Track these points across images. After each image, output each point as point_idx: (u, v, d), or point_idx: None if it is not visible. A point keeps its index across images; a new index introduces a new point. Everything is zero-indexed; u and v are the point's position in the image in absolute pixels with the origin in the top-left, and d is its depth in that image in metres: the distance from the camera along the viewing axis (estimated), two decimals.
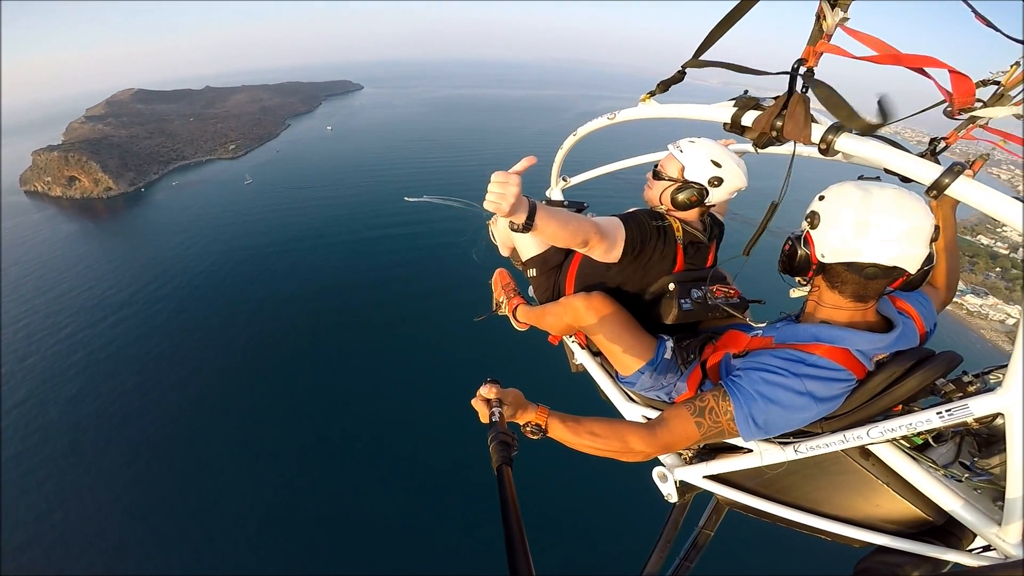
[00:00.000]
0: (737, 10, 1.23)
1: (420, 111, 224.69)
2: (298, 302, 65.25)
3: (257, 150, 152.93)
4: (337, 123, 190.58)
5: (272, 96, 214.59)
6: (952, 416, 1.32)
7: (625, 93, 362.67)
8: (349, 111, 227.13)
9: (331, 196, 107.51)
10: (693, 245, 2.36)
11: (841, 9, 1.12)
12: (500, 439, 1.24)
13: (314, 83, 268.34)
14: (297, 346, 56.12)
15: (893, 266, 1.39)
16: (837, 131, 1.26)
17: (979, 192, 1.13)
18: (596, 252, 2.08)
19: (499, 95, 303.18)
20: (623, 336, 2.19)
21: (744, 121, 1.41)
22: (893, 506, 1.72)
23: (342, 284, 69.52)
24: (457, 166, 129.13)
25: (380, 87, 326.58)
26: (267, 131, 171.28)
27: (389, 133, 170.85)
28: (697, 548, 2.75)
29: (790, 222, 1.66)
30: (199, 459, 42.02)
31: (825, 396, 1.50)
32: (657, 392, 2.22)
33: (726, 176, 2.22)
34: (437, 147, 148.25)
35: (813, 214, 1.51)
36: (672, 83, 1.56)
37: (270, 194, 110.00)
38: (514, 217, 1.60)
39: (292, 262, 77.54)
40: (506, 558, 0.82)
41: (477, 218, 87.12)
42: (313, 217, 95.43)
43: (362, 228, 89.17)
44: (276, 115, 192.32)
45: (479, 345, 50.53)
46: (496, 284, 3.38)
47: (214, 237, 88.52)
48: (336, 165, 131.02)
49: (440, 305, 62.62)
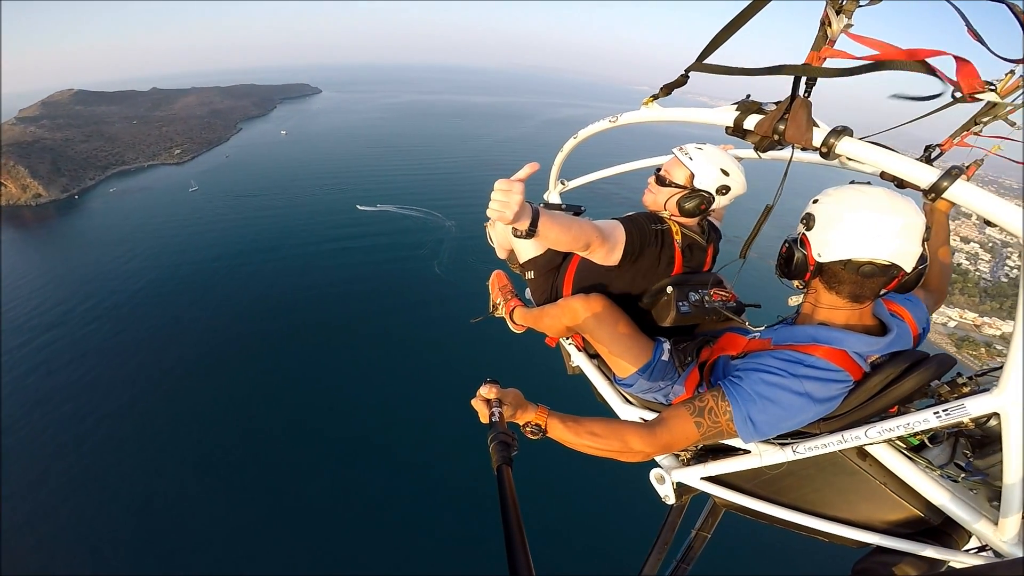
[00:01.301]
0: (743, 15, 1.26)
1: (380, 116, 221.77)
2: (248, 322, 60.78)
3: (205, 155, 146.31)
4: (293, 127, 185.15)
5: (224, 99, 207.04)
6: (949, 416, 1.36)
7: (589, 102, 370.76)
8: (306, 115, 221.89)
9: (284, 205, 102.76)
10: (691, 248, 2.41)
11: (846, 16, 1.15)
12: (500, 439, 1.26)
13: (269, 86, 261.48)
14: (248, 371, 52.36)
15: (889, 263, 1.44)
16: (838, 135, 1.30)
17: (977, 196, 1.16)
18: (597, 255, 2.13)
19: (462, 101, 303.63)
20: (620, 338, 2.22)
21: (746, 125, 1.44)
22: (890, 506, 1.76)
23: (296, 302, 65.29)
24: (418, 174, 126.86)
25: (339, 91, 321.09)
26: (216, 135, 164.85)
27: (348, 139, 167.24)
28: (694, 550, 2.78)
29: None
30: (139, 496, 39.29)
31: (823, 397, 1.53)
32: (654, 394, 2.25)
33: (733, 185, 2.29)
34: (397, 154, 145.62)
35: (808, 216, 1.56)
36: (675, 87, 1.59)
37: (218, 202, 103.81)
38: (517, 224, 1.63)
39: (242, 278, 72.11)
40: (506, 558, 0.83)
41: (439, 229, 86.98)
42: (264, 228, 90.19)
43: (318, 240, 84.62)
44: (227, 118, 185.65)
45: (445, 370, 49.84)
46: (493, 286, 3.39)
47: (156, 250, 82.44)
48: (290, 171, 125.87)
49: (405, 323, 59.92)
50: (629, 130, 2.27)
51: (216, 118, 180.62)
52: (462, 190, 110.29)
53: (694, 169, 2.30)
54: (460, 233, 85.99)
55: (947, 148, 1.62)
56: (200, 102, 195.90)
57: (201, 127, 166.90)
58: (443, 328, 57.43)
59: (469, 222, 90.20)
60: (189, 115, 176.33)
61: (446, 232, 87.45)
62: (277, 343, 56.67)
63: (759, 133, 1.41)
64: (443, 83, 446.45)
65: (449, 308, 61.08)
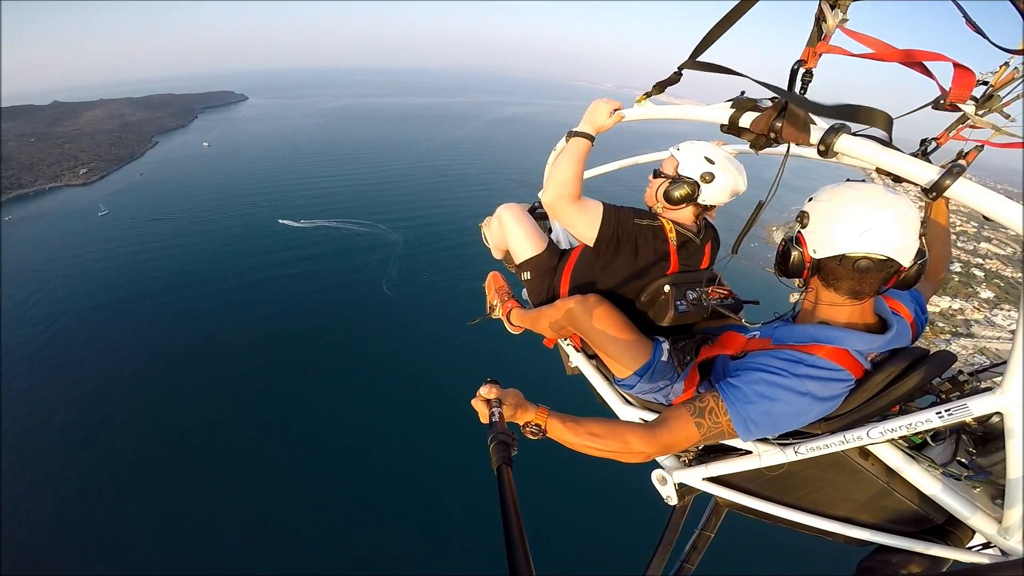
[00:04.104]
0: (736, 11, 1.27)
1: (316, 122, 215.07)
2: (173, 371, 52.32)
3: (115, 173, 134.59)
4: (216, 138, 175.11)
5: (137, 110, 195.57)
6: (952, 416, 1.40)
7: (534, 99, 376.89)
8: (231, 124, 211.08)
9: (208, 228, 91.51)
10: (686, 246, 2.46)
11: (841, 11, 1.17)
12: (500, 439, 1.29)
13: (189, 94, 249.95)
14: (175, 426, 45.42)
15: (885, 258, 1.47)
16: (837, 132, 1.33)
17: (978, 193, 1.19)
18: (579, 221, 2.31)
19: (404, 103, 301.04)
20: (618, 338, 2.24)
21: (742, 123, 1.45)
22: (893, 505, 1.82)
23: (232, 346, 55.50)
24: (358, 183, 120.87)
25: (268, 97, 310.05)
26: (128, 151, 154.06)
27: (279, 148, 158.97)
28: (697, 550, 2.81)
29: None
30: None
31: (824, 396, 1.57)
32: (654, 395, 2.28)
33: (718, 173, 2.33)
34: (335, 162, 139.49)
35: (803, 214, 1.60)
36: (668, 84, 1.60)
37: (132, 228, 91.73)
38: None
39: (168, 318, 61.83)
40: (506, 559, 0.84)
41: (386, 246, 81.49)
42: (187, 256, 79.38)
43: (246, 270, 73.30)
44: (141, 132, 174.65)
45: (411, 415, 46.68)
46: (489, 287, 3.46)
47: (61, 291, 69.15)
48: (216, 187, 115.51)
49: (356, 364, 52.72)
50: (624, 127, 2.32)
51: (128, 132, 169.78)
52: (408, 199, 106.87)
53: (679, 158, 2.41)
54: (408, 248, 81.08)
55: (943, 142, 1.69)
56: (109, 115, 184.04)
57: (111, 142, 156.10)
58: (410, 360, 53.23)
59: (419, 234, 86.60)
60: (96, 130, 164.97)
61: (393, 247, 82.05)
62: (221, 401, 48.23)
63: (755, 131, 1.44)
64: (382, 85, 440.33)
65: (410, 335, 57.22)
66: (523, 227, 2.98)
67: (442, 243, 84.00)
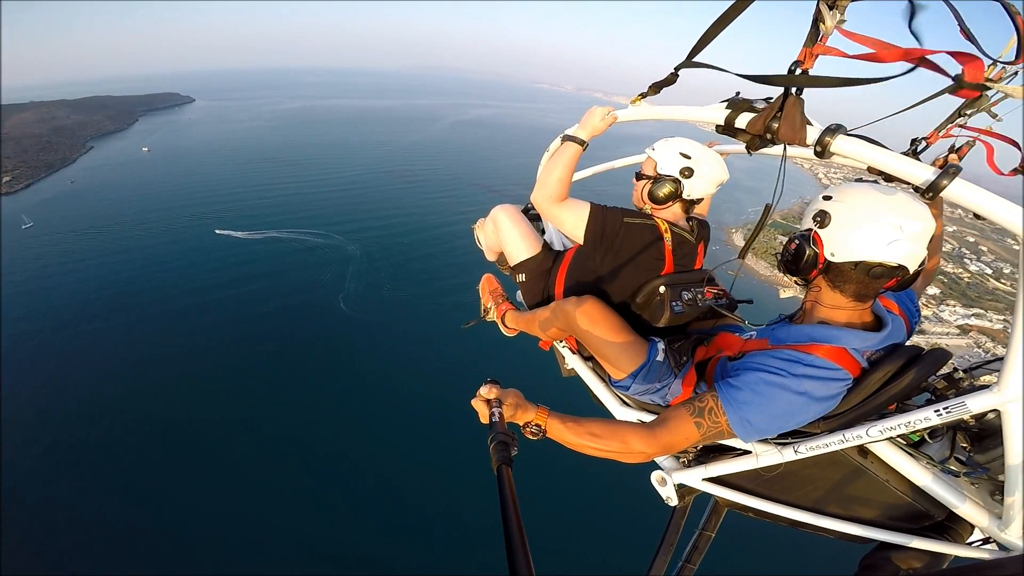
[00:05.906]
0: (732, 10, 1.28)
1: (268, 125, 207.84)
2: (106, 413, 46.83)
3: (43, 181, 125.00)
4: (157, 143, 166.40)
5: (71, 113, 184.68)
6: (950, 414, 1.45)
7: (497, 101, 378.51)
8: (174, 128, 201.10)
9: (145, 243, 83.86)
10: (681, 246, 2.51)
11: (839, 11, 1.19)
12: (500, 439, 1.32)
13: (129, 97, 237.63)
14: (119, 468, 41.74)
15: (898, 265, 1.51)
16: (833, 133, 1.36)
17: (976, 194, 1.23)
18: (566, 219, 2.42)
19: (361, 106, 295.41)
20: (614, 340, 2.28)
21: (738, 123, 1.47)
22: (893, 502, 1.88)
23: (175, 385, 50.07)
24: (312, 190, 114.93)
25: (216, 99, 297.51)
26: (59, 156, 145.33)
27: (227, 152, 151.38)
28: (699, 550, 2.86)
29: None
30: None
31: (823, 396, 1.61)
32: (651, 396, 2.31)
33: (696, 166, 2.39)
34: (287, 167, 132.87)
35: (823, 213, 1.60)
36: (664, 85, 1.61)
37: (60, 243, 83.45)
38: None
39: (104, 347, 55.81)
40: (506, 559, 0.86)
41: (342, 260, 75.61)
42: (122, 275, 71.85)
43: (187, 292, 66.64)
44: (74, 136, 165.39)
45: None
46: (483, 290, 3.49)
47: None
48: (154, 197, 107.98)
49: (312, 394, 49.16)
50: (620, 128, 2.39)
51: (59, 136, 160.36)
52: (366, 207, 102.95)
53: (656, 157, 2.47)
54: (368, 261, 76.90)
55: (933, 141, 1.76)
56: (39, 119, 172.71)
57: (39, 148, 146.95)
58: (374, 385, 50.41)
59: (379, 245, 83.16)
60: (24, 134, 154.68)
61: (350, 260, 77.33)
62: (154, 449, 43.74)
63: (751, 132, 1.46)
64: (338, 87, 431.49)
65: (374, 354, 54.29)
66: (518, 229, 2.99)
67: (405, 254, 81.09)
